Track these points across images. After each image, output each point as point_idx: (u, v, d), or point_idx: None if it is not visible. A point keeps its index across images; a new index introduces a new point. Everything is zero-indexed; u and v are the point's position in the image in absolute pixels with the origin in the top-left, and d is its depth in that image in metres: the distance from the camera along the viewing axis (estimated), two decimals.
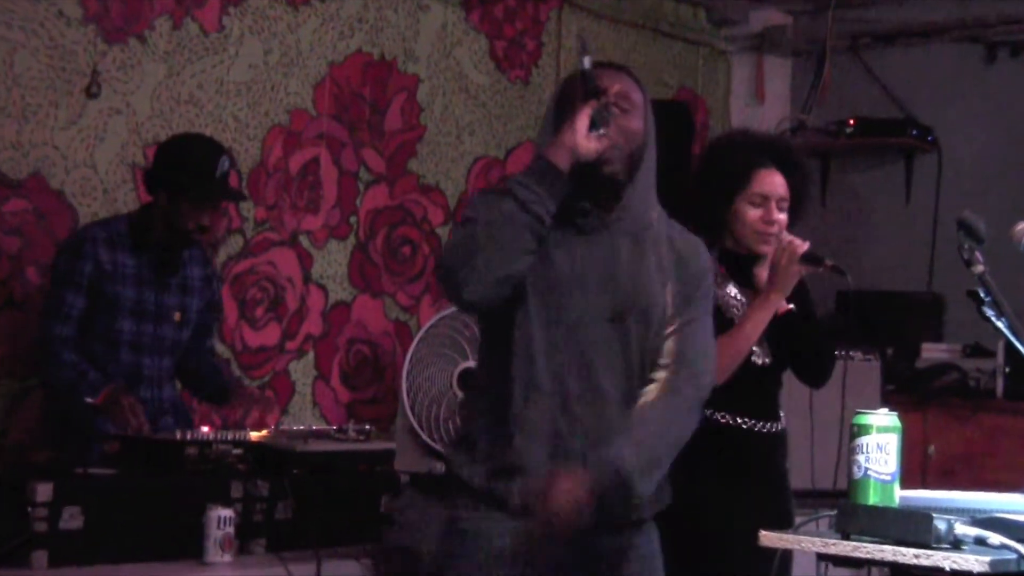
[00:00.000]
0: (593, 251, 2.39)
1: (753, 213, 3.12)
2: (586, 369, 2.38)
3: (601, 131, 2.34)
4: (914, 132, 5.74)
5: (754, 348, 3.09)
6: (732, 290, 3.14)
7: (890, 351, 5.21)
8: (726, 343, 2.98)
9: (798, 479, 3.31)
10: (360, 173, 4.79)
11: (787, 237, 3.09)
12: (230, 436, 3.25)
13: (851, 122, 5.80)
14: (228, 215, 4.39)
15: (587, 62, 2.37)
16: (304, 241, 4.63)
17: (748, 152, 3.18)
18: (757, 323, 3.04)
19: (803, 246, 3.06)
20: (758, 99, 6.16)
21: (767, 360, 3.13)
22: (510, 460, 2.35)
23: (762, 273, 3.13)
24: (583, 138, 2.32)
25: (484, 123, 5.16)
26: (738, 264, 3.16)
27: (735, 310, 3.12)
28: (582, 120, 2.32)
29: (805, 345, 3.16)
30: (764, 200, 3.12)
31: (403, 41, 4.90)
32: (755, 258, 3.15)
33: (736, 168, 3.15)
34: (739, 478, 3.06)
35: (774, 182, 3.13)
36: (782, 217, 3.13)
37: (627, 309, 2.41)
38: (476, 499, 2.36)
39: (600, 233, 2.40)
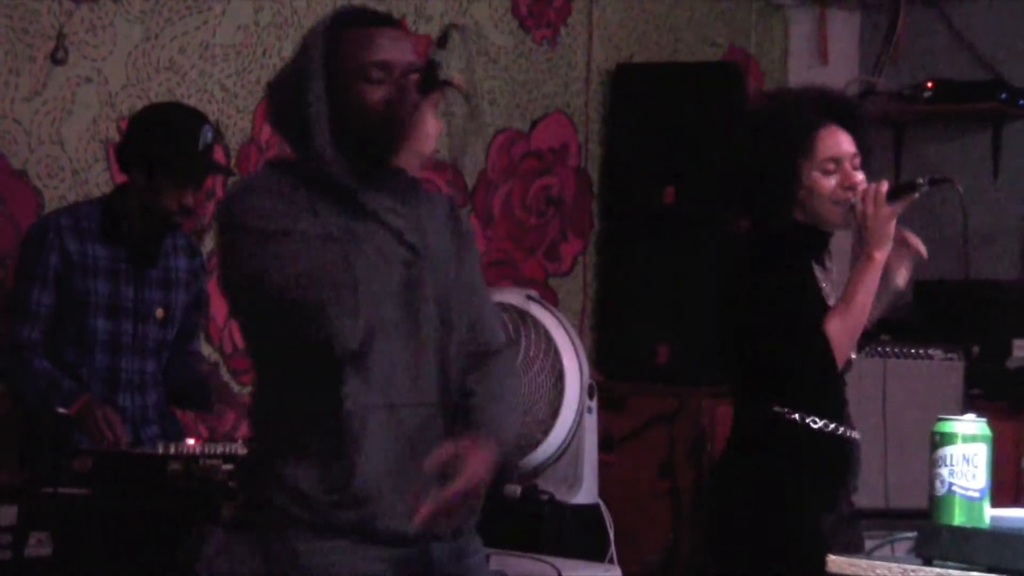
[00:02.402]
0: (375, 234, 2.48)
1: (828, 183, 3.06)
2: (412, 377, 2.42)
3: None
4: (1003, 96, 5.70)
5: None
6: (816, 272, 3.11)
7: (975, 349, 5.18)
8: (839, 324, 2.97)
9: (867, 496, 3.30)
10: None
11: (862, 185, 3.04)
12: (219, 450, 3.26)
13: (929, 85, 5.77)
14: (215, 196, 4.40)
15: (439, 54, 2.36)
16: None
17: (803, 112, 3.13)
18: (868, 290, 2.99)
19: (884, 184, 3.02)
20: (821, 59, 6.13)
21: (855, 353, 3.11)
22: (355, 485, 2.34)
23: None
24: (433, 140, 2.35)
25: (506, 91, 5.16)
26: (815, 240, 3.11)
27: (824, 291, 3.08)
28: (431, 118, 2.34)
29: None
30: (837, 164, 3.07)
31: None
32: (829, 235, 3.12)
33: (794, 134, 3.10)
34: (826, 493, 3.05)
35: (840, 141, 3.08)
36: (861, 177, 3.07)
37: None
38: (316, 529, 2.34)
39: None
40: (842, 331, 2.97)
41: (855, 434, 3.09)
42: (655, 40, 5.71)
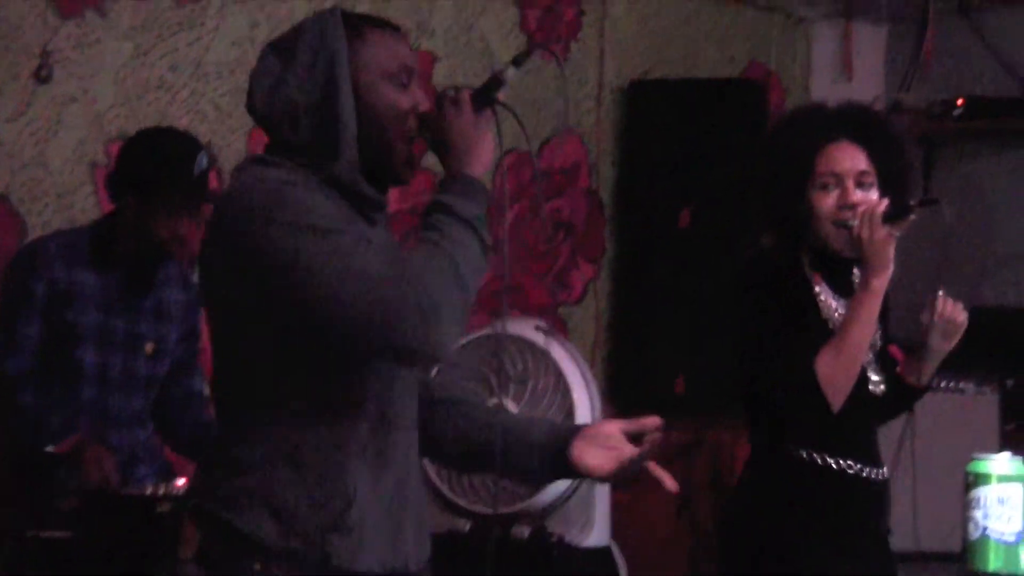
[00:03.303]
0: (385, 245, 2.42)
1: (826, 201, 3.01)
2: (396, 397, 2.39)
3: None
4: None
5: (870, 374, 3.04)
6: (829, 300, 3.06)
7: (1011, 382, 5.18)
8: (831, 357, 2.92)
9: (897, 538, 3.29)
10: None
11: (861, 206, 2.96)
12: None
13: (960, 102, 5.78)
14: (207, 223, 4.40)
15: (511, 72, 2.42)
16: None
17: (811, 128, 3.08)
18: (864, 323, 2.94)
19: (881, 204, 2.94)
20: (846, 75, 6.14)
21: (883, 387, 3.07)
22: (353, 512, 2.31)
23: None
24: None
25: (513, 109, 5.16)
26: (830, 268, 3.06)
27: (835, 322, 3.03)
28: (491, 134, 2.37)
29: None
30: (837, 180, 3.00)
31: (415, 11, 4.91)
32: (850, 260, 3.05)
33: (798, 150, 3.05)
34: (841, 537, 3.01)
35: (844, 156, 3.01)
36: (866, 196, 2.99)
37: None
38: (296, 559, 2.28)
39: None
40: (833, 368, 2.91)
41: (878, 473, 3.05)
42: (670, 55, 5.73)
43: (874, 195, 2.99)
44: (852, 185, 2.99)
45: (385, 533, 2.31)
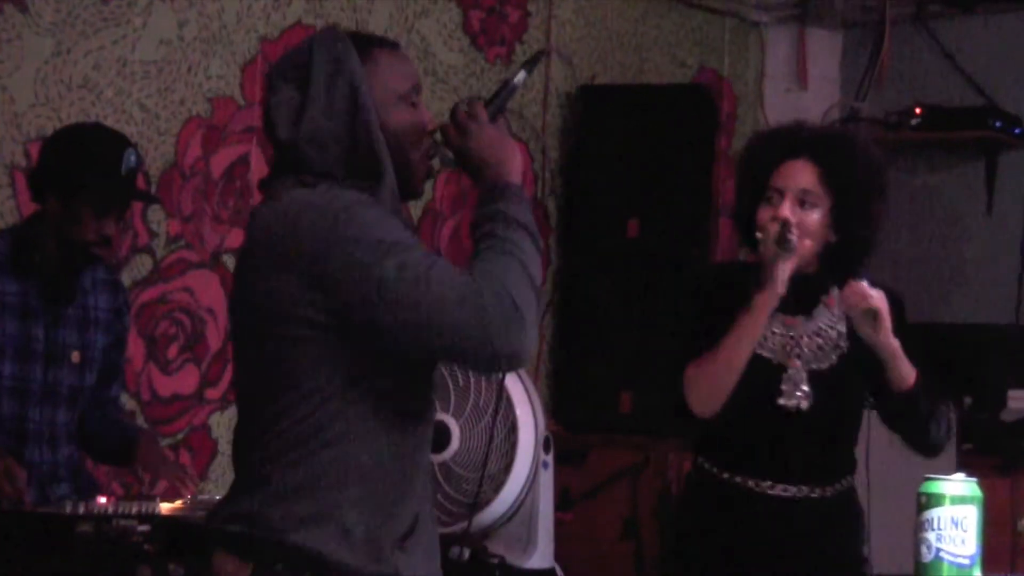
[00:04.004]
0: None
1: (763, 213, 3.13)
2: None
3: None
4: (997, 123, 5.76)
5: (782, 387, 3.13)
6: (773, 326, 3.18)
7: (968, 400, 5.21)
8: (698, 366, 3.10)
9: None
10: None
11: (777, 222, 3.09)
12: (134, 509, 3.23)
13: (917, 111, 5.82)
14: (133, 229, 4.38)
15: (521, 77, 2.53)
16: (229, 262, 4.62)
17: (772, 145, 3.21)
18: (739, 338, 3.08)
19: (773, 226, 3.09)
20: (799, 82, 6.18)
21: (803, 404, 3.14)
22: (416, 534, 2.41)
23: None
24: None
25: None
26: (749, 280, 3.17)
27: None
28: (513, 140, 2.51)
29: (907, 417, 3.18)
30: (779, 195, 3.12)
31: (354, 11, 4.90)
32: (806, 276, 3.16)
33: (757, 167, 3.18)
34: (734, 551, 3.15)
35: (791, 172, 3.12)
36: (804, 215, 3.09)
37: None
38: None
39: None
40: (696, 376, 3.10)
41: (788, 490, 3.15)
42: (619, 60, 5.74)
43: (815, 215, 3.09)
44: (791, 201, 3.09)
45: (432, 545, 2.43)
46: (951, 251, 5.92)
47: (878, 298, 3.05)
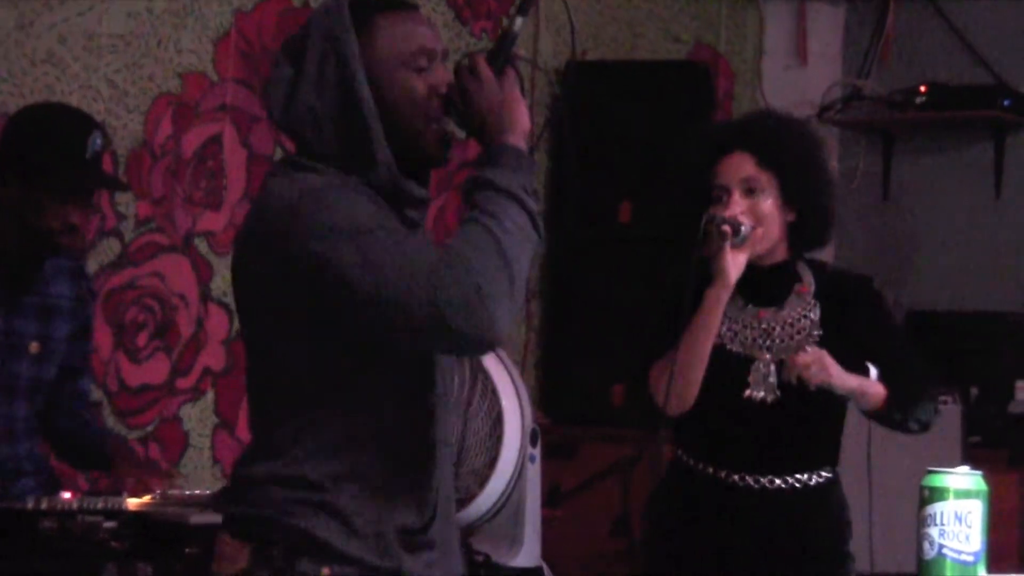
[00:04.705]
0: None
1: (716, 212, 3.28)
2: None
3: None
4: (1006, 102, 5.77)
5: (750, 379, 3.27)
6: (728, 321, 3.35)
7: (974, 391, 5.22)
8: (664, 366, 3.26)
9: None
10: (276, 156, 4.77)
11: (738, 213, 3.26)
12: (100, 504, 3.23)
13: (923, 89, 5.83)
14: (100, 212, 4.37)
15: (520, 23, 2.45)
16: (201, 246, 4.62)
17: (706, 144, 3.37)
18: (694, 333, 3.23)
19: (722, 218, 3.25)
20: (799, 59, 6.18)
21: (768, 397, 3.27)
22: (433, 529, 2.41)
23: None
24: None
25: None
26: (743, 278, 3.30)
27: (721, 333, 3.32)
28: (519, 93, 2.41)
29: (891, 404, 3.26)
30: (725, 191, 3.29)
31: None
32: (758, 272, 3.30)
33: (696, 169, 3.35)
34: (701, 540, 3.28)
35: (729, 166, 3.30)
36: (754, 203, 3.26)
37: None
38: None
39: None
40: (659, 377, 3.26)
41: (758, 480, 3.27)
42: (611, 35, 5.73)
43: (767, 201, 3.27)
44: (739, 193, 3.26)
45: (447, 546, 2.42)
46: (957, 236, 5.92)
47: (816, 366, 3.16)
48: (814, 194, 3.30)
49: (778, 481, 3.27)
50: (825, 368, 3.14)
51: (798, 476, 3.28)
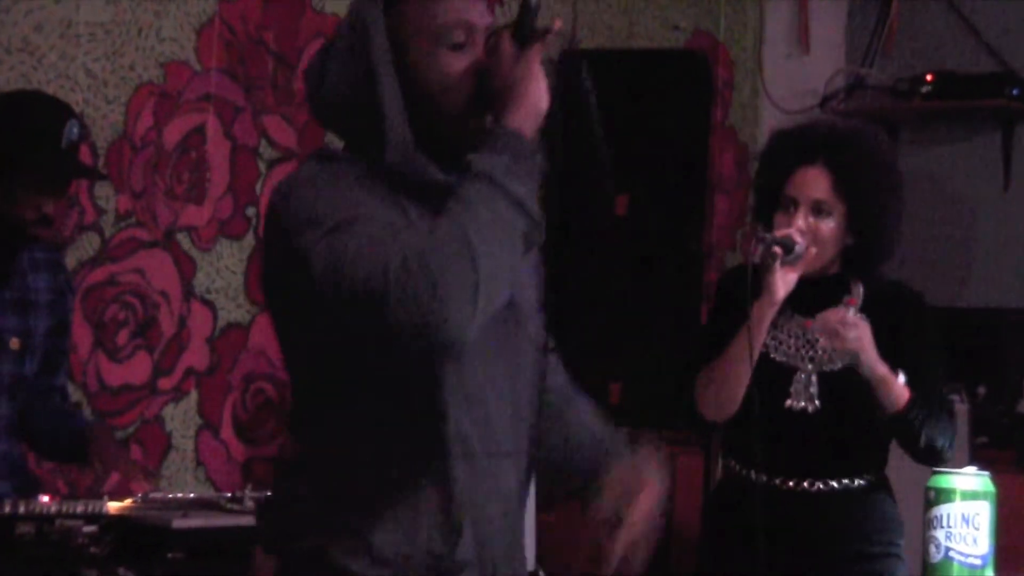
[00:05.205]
0: None
1: (779, 221, 3.40)
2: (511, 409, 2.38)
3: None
4: (1015, 91, 5.77)
5: (792, 390, 3.39)
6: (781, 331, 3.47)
7: (982, 389, 5.22)
8: (705, 375, 3.42)
9: None
10: (261, 148, 4.78)
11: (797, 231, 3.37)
12: (80, 508, 3.22)
13: (928, 78, 5.83)
14: (79, 205, 4.36)
15: None
16: (184, 241, 4.62)
17: (787, 149, 3.47)
18: (739, 345, 3.33)
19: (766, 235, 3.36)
20: (801, 47, 6.18)
21: (809, 407, 3.39)
22: (459, 554, 2.29)
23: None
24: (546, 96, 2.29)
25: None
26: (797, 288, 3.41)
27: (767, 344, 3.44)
28: (540, 71, 2.28)
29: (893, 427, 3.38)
30: (793, 204, 3.40)
31: None
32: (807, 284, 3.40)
33: (773, 173, 3.46)
34: (748, 543, 3.29)
35: (805, 181, 3.39)
36: (819, 224, 3.37)
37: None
38: None
39: None
40: (705, 386, 3.41)
41: (800, 484, 3.39)
42: (606, 23, 5.73)
43: (830, 224, 3.37)
44: (806, 211, 3.37)
45: (490, 571, 2.31)
46: (964, 230, 5.93)
47: (854, 331, 3.28)
48: (879, 226, 3.41)
49: (820, 484, 3.39)
50: (860, 339, 3.26)
51: (843, 480, 3.40)
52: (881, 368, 3.29)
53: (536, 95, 2.25)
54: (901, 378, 3.33)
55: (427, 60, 2.27)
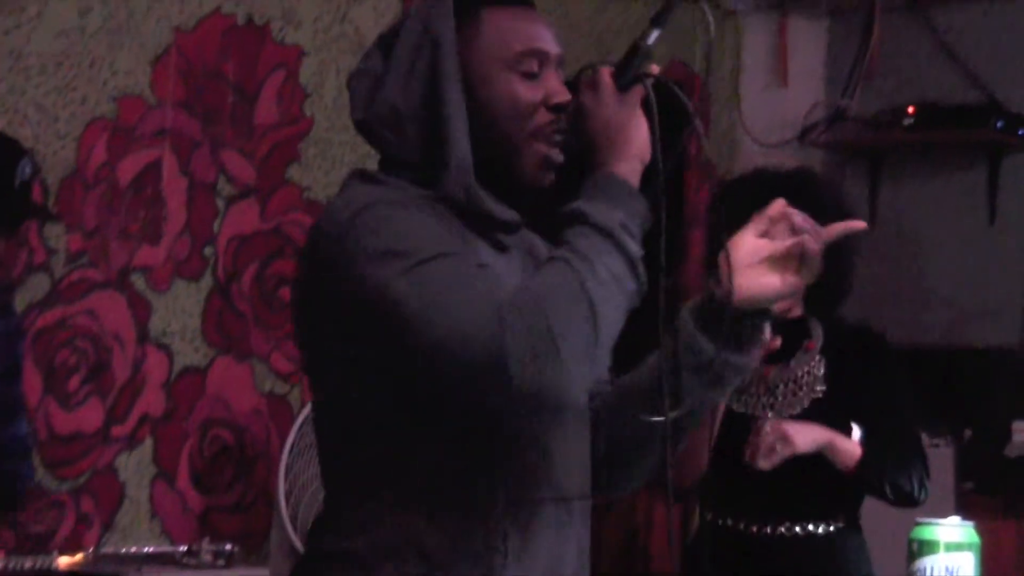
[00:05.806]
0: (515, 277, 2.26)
1: None
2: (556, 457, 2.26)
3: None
4: (1000, 123, 5.80)
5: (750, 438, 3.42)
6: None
7: (968, 432, 5.24)
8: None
9: None
10: (219, 185, 4.78)
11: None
12: (28, 563, 3.21)
13: (911, 109, 5.85)
14: (28, 245, 4.35)
15: (654, 36, 2.32)
16: (138, 282, 4.61)
17: (749, 195, 3.46)
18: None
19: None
20: (780, 78, 6.20)
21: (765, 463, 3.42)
22: None
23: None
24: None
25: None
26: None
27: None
28: (642, 117, 2.23)
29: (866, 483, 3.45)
30: None
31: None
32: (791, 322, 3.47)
33: (736, 220, 3.41)
34: None
35: None
36: None
37: None
38: None
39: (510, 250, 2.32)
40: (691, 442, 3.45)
41: (771, 529, 3.45)
42: (578, 52, 5.72)
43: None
44: None
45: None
46: (949, 266, 5.94)
47: (782, 443, 3.33)
48: (839, 267, 3.41)
49: (791, 528, 3.46)
50: (786, 440, 3.33)
51: (808, 527, 3.47)
52: (821, 438, 3.37)
53: (642, 142, 2.20)
54: (856, 434, 3.40)
55: (499, 87, 2.22)
